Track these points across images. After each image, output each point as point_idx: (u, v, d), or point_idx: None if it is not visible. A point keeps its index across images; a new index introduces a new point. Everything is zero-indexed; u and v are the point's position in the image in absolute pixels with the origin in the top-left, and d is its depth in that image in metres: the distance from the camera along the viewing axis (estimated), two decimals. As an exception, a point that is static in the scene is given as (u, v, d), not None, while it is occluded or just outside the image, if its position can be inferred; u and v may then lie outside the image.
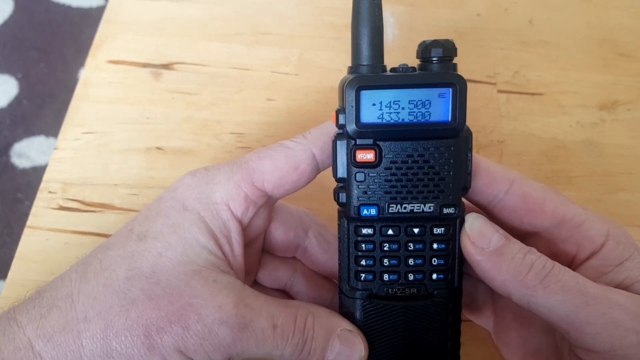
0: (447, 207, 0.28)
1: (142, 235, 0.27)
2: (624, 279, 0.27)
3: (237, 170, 0.29)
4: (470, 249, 0.27)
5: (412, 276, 0.28)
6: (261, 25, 0.50)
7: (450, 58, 0.27)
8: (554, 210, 0.28)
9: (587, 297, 0.25)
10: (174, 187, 0.29)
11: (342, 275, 0.29)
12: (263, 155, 0.29)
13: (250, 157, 0.29)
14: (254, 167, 0.29)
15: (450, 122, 0.27)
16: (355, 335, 0.28)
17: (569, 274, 0.26)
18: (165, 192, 0.29)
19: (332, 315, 0.29)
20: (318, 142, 0.29)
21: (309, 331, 0.27)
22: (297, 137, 0.30)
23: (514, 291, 0.26)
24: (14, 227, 1.11)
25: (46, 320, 0.25)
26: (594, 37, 0.51)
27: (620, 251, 0.27)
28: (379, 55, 0.27)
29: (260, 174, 0.29)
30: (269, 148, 0.29)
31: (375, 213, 0.28)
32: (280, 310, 0.27)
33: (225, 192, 0.28)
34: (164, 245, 0.27)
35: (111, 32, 0.49)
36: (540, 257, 0.26)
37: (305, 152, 0.29)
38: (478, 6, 0.52)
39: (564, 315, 0.25)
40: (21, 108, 1.25)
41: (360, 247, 0.28)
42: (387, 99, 0.26)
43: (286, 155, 0.29)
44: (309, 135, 0.30)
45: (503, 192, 0.29)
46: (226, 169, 0.29)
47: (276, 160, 0.29)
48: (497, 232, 0.27)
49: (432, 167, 0.27)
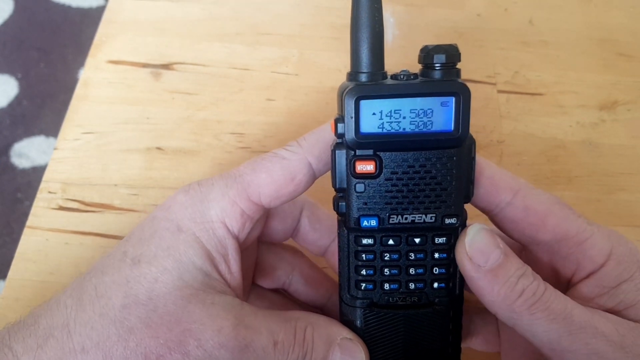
0: (448, 217, 0.27)
1: (136, 259, 0.26)
2: (619, 302, 0.26)
3: (232, 185, 0.28)
4: (466, 265, 0.26)
5: (413, 285, 0.28)
6: (261, 25, 0.50)
7: (454, 64, 0.26)
8: (557, 226, 0.27)
9: (571, 326, 0.25)
10: (167, 205, 0.28)
11: (342, 283, 0.29)
12: (258, 167, 0.28)
13: (244, 170, 0.28)
14: (249, 180, 0.28)
15: (453, 131, 0.26)
16: (355, 343, 0.28)
17: (558, 300, 0.25)
18: (159, 211, 0.28)
19: (332, 324, 0.28)
20: (314, 150, 0.28)
21: (309, 343, 0.27)
22: (292, 145, 0.29)
23: (500, 312, 0.26)
24: (13, 227, 1.11)
25: (43, 351, 0.24)
26: (594, 37, 0.51)
27: (619, 272, 0.27)
28: (379, 62, 0.26)
29: (256, 188, 0.28)
30: (263, 158, 0.29)
31: (375, 224, 0.27)
32: (280, 326, 0.26)
33: (220, 209, 0.27)
34: (159, 269, 0.26)
35: (111, 32, 0.49)
36: (533, 282, 0.25)
37: (302, 162, 0.28)
38: (478, 6, 0.52)
39: (547, 342, 0.25)
40: (21, 108, 1.25)
41: (361, 257, 0.28)
42: (388, 108, 0.25)
43: (282, 166, 0.28)
44: (304, 142, 0.29)
45: (505, 203, 0.28)
46: (220, 184, 0.28)
47: (272, 173, 0.28)
48: (497, 247, 0.26)
49: (434, 177, 0.26)
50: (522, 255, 0.31)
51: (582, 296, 0.27)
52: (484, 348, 0.32)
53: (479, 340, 0.32)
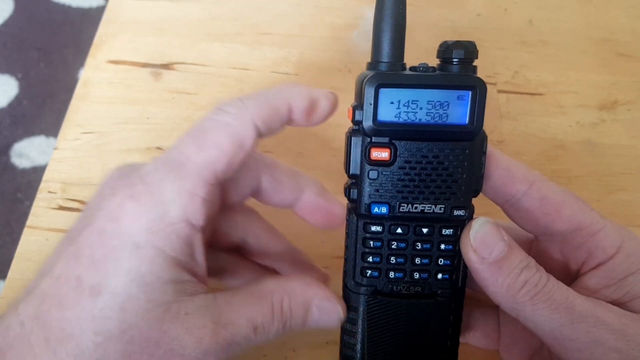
0: (457, 209, 0.28)
1: (95, 289, 0.24)
2: (625, 294, 0.27)
3: (184, 176, 0.25)
4: (471, 257, 0.27)
5: (417, 275, 0.28)
6: (261, 25, 0.50)
7: (471, 60, 0.27)
8: (571, 216, 0.28)
9: (573, 315, 0.25)
10: (113, 215, 0.25)
11: (347, 270, 0.29)
12: (203, 143, 0.25)
13: (188, 151, 0.25)
14: (200, 163, 0.25)
15: (468, 125, 0.26)
16: (331, 301, 0.28)
17: (560, 291, 0.26)
18: (105, 222, 0.25)
19: (307, 287, 0.28)
20: (262, 112, 0.26)
21: (287, 313, 0.27)
22: (234, 104, 0.26)
23: (504, 303, 0.27)
24: (13, 227, 1.11)
25: None
26: (594, 37, 0.51)
27: (628, 264, 0.27)
28: (400, 53, 0.27)
29: (211, 168, 0.25)
30: (204, 129, 0.26)
31: (386, 211, 0.28)
32: (257, 309, 0.26)
33: (180, 208, 0.25)
34: (124, 298, 0.24)
35: (111, 32, 0.49)
36: (536, 274, 0.26)
37: (249, 126, 0.26)
38: (478, 6, 0.52)
39: (549, 331, 0.26)
40: (21, 108, 1.25)
41: (368, 244, 0.28)
42: (406, 98, 0.26)
43: (229, 134, 0.25)
44: (249, 102, 0.26)
45: (521, 193, 0.28)
46: (170, 177, 0.25)
47: (221, 146, 0.25)
48: (501, 240, 0.26)
49: (446, 168, 0.27)
50: (533, 246, 0.32)
51: (589, 287, 0.28)
52: (483, 343, 0.33)
53: (478, 334, 0.32)
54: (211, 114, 0.26)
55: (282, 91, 0.27)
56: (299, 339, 0.35)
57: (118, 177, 0.27)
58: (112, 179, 0.27)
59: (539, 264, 0.27)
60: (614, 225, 0.28)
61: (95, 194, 0.28)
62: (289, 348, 0.35)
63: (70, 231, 0.27)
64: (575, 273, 0.29)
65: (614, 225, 0.28)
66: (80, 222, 0.27)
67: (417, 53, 0.30)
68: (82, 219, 0.27)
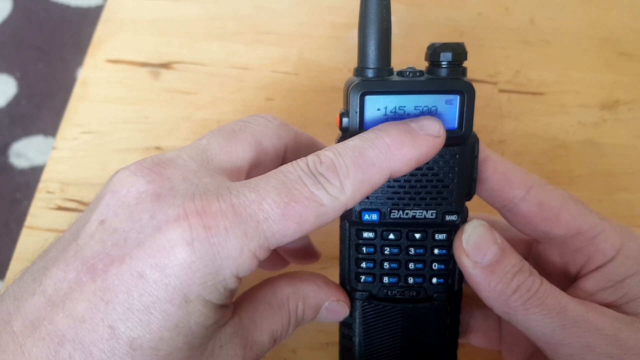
0: (449, 215, 0.27)
1: (136, 344, 0.21)
2: (621, 296, 0.27)
3: (253, 237, 0.22)
4: (464, 261, 0.26)
5: (412, 279, 0.28)
6: (260, 25, 0.50)
7: (460, 62, 0.26)
8: (570, 221, 0.28)
9: (565, 320, 0.25)
10: (159, 259, 0.21)
11: (342, 275, 0.29)
12: (289, 213, 0.22)
13: (272, 213, 0.22)
14: (275, 231, 0.22)
15: (457, 129, 0.26)
16: (340, 302, 0.28)
17: (552, 295, 0.25)
18: (144, 263, 0.21)
19: (319, 290, 0.28)
20: (357, 196, 0.23)
21: (300, 317, 0.27)
22: (333, 184, 0.23)
23: (496, 307, 0.26)
24: (12, 227, 1.10)
25: None
26: (595, 36, 0.50)
27: (627, 267, 0.27)
28: (386, 58, 0.26)
29: (281, 240, 0.23)
30: (296, 200, 0.22)
31: (376, 218, 0.27)
32: (277, 321, 0.26)
33: (236, 266, 0.22)
34: (169, 351, 0.22)
35: (110, 31, 0.48)
36: (529, 278, 0.26)
37: (339, 211, 0.23)
38: (479, 5, 0.52)
39: (541, 335, 0.25)
40: (19, 108, 1.25)
41: (361, 250, 0.28)
42: (392, 104, 0.26)
43: (317, 215, 0.23)
44: (348, 183, 0.23)
45: (519, 198, 0.28)
46: (238, 233, 0.22)
47: (303, 223, 0.23)
48: (494, 243, 0.26)
49: (436, 174, 0.27)
50: (531, 249, 0.32)
51: (587, 289, 0.28)
52: (484, 344, 0.33)
53: (478, 335, 0.32)
54: (308, 179, 0.23)
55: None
56: (298, 340, 0.35)
57: (153, 190, 0.23)
58: (142, 183, 0.23)
59: (533, 267, 0.27)
60: (614, 227, 0.28)
61: (114, 199, 0.23)
62: (288, 349, 0.35)
63: (78, 244, 0.23)
64: (574, 275, 0.29)
65: (614, 226, 0.28)
66: (96, 240, 0.22)
67: (417, 53, 0.29)
68: (98, 233, 0.23)
